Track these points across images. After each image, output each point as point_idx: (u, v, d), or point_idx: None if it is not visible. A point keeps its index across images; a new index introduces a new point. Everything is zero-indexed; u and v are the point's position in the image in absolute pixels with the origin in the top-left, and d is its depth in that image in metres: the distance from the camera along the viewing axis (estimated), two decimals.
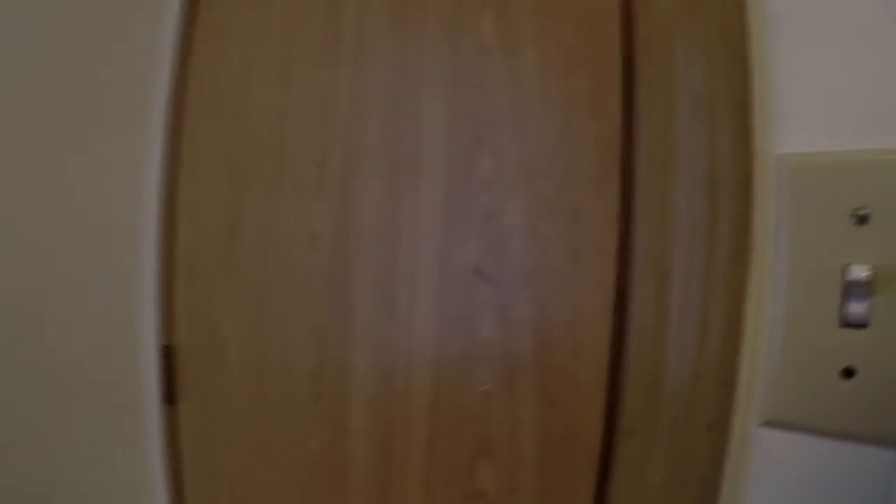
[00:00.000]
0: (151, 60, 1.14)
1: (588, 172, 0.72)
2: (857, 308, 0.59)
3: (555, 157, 0.74)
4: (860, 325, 0.60)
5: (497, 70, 0.77)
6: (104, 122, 1.08)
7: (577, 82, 0.73)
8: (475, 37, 0.79)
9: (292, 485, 0.98)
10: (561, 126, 0.74)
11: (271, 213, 0.96)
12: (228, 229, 1.02)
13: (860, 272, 0.59)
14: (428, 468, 0.83)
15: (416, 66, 0.83)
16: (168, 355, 1.13)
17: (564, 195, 0.73)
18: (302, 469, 0.96)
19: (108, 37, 1.08)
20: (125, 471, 1.19)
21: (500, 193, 0.77)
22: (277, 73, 0.97)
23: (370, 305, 0.87)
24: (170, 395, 1.14)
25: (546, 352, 0.74)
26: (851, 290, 0.59)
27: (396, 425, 0.85)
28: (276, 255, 0.96)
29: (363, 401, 0.88)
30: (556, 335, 0.74)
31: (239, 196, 1.01)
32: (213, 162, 1.04)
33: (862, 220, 0.60)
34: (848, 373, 0.60)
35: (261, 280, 0.98)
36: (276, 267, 0.96)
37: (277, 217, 0.96)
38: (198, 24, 1.09)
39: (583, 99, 0.73)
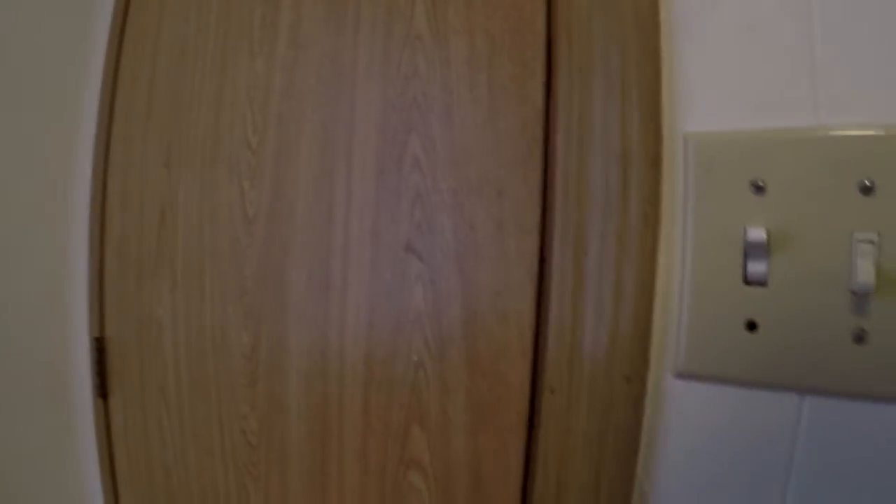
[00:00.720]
0: (84, 46, 1.08)
1: (511, 153, 0.72)
2: (756, 267, 0.60)
3: (480, 140, 0.74)
4: (760, 282, 0.61)
5: (428, 58, 0.76)
6: (35, 109, 1.02)
7: (503, 70, 0.73)
8: (408, 26, 0.77)
9: (230, 467, 0.93)
10: (486, 111, 0.74)
11: (206, 196, 0.92)
12: (160, 215, 0.97)
13: (758, 234, 0.60)
14: (364, 439, 0.81)
15: (351, 54, 0.81)
16: (100, 348, 1.06)
17: (489, 175, 0.73)
18: (240, 450, 0.92)
19: (40, 20, 1.02)
20: (58, 467, 1.11)
21: (429, 174, 0.75)
22: (214, 60, 0.93)
23: (304, 284, 0.84)
24: (102, 389, 1.07)
25: (473, 321, 0.73)
26: (751, 250, 0.60)
27: (332, 399, 0.82)
28: (211, 238, 0.92)
29: (299, 378, 0.85)
30: (482, 304, 0.73)
31: (172, 181, 0.96)
32: (145, 148, 1.00)
33: (759, 189, 0.61)
34: (751, 326, 0.61)
35: (196, 265, 0.94)
36: (211, 250, 0.92)
37: (212, 201, 0.92)
38: (132, 10, 1.03)
39: (508, 85, 0.73)
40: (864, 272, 0.57)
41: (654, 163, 0.65)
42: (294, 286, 0.85)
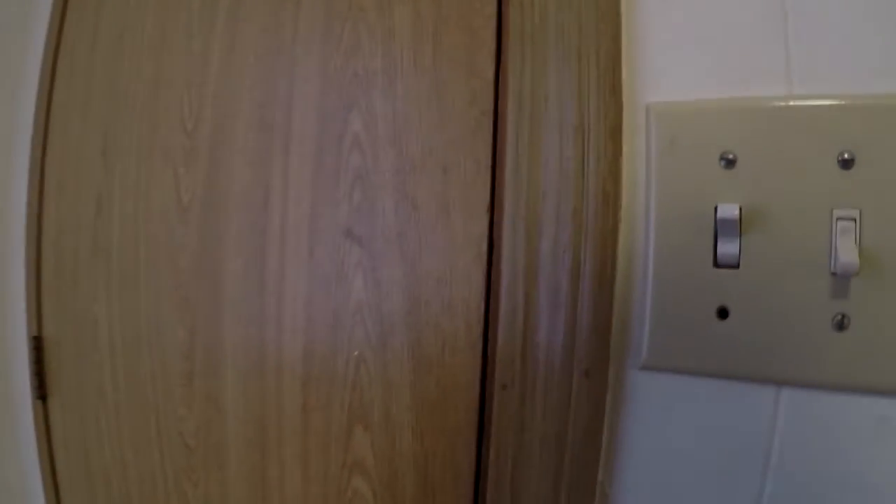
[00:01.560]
0: (22, 37, 0.94)
1: (458, 128, 0.61)
2: (728, 248, 0.51)
3: (425, 115, 0.63)
4: (732, 264, 0.50)
5: (371, 30, 0.65)
6: None
7: (451, 41, 0.62)
8: None
9: (168, 471, 0.80)
10: (432, 84, 0.63)
11: (141, 184, 0.79)
12: (97, 205, 0.83)
13: (730, 211, 0.50)
14: (304, 441, 0.69)
15: (291, 29, 0.70)
16: (38, 347, 0.91)
17: (434, 151, 0.62)
18: (178, 454, 0.79)
19: None
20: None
21: (370, 153, 0.64)
22: (152, 41, 0.81)
23: (240, 275, 0.71)
24: (41, 391, 0.92)
25: (417, 310, 0.62)
26: (723, 228, 0.50)
27: (270, 399, 0.70)
28: (147, 228, 0.79)
29: (236, 376, 0.73)
30: (426, 293, 0.62)
31: (109, 169, 0.83)
32: (83, 137, 0.86)
33: (729, 163, 0.51)
34: (722, 312, 0.51)
35: (131, 257, 0.80)
36: (146, 241, 0.79)
37: (148, 188, 0.79)
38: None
39: (455, 56, 0.62)
40: (847, 252, 0.46)
41: (614, 136, 0.55)
42: (229, 278, 0.72)
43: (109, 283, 0.82)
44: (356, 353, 0.64)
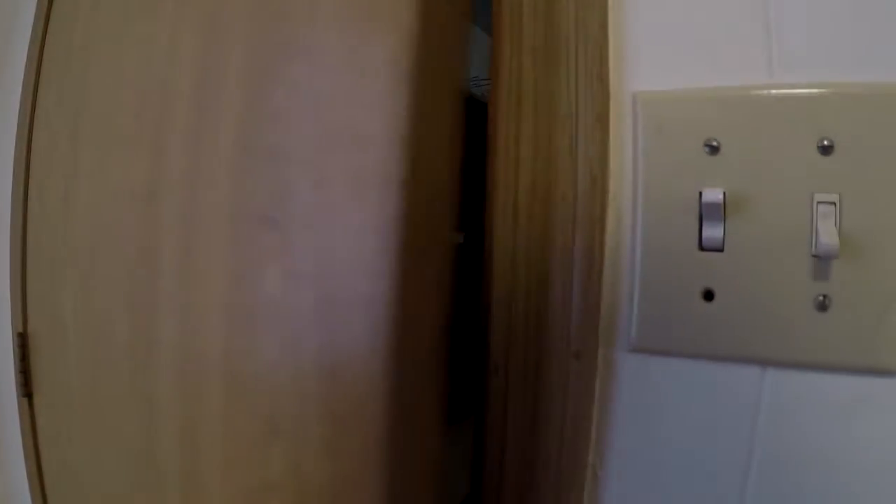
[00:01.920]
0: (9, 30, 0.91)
1: (374, 93, 0.56)
2: (713, 231, 0.51)
3: (344, 81, 0.57)
4: (716, 248, 0.51)
5: None
6: None
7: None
8: None
9: (129, 477, 0.74)
10: (352, 46, 0.57)
11: (98, 175, 0.75)
12: (63, 196, 0.80)
13: (715, 195, 0.50)
14: (225, 453, 0.62)
15: (229, 4, 0.65)
16: (23, 344, 0.88)
17: (351, 121, 0.57)
18: (128, 459, 0.73)
19: None
20: None
21: (292, 127, 0.59)
22: (115, 28, 0.77)
23: (174, 266, 0.66)
24: (27, 388, 0.88)
25: (328, 306, 0.56)
26: (707, 213, 0.51)
27: (200, 404, 0.64)
28: (101, 220, 0.74)
29: (169, 376, 0.66)
30: (336, 283, 0.56)
31: (76, 158, 0.79)
32: (60, 129, 0.82)
33: (714, 149, 0.51)
34: (708, 295, 0.51)
35: (89, 248, 0.76)
36: (101, 231, 0.74)
37: (103, 176, 0.74)
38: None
39: (378, 12, 0.57)
40: (828, 234, 0.47)
41: (601, 123, 0.55)
42: (164, 269, 0.67)
43: (73, 279, 0.79)
44: (272, 356, 0.58)
